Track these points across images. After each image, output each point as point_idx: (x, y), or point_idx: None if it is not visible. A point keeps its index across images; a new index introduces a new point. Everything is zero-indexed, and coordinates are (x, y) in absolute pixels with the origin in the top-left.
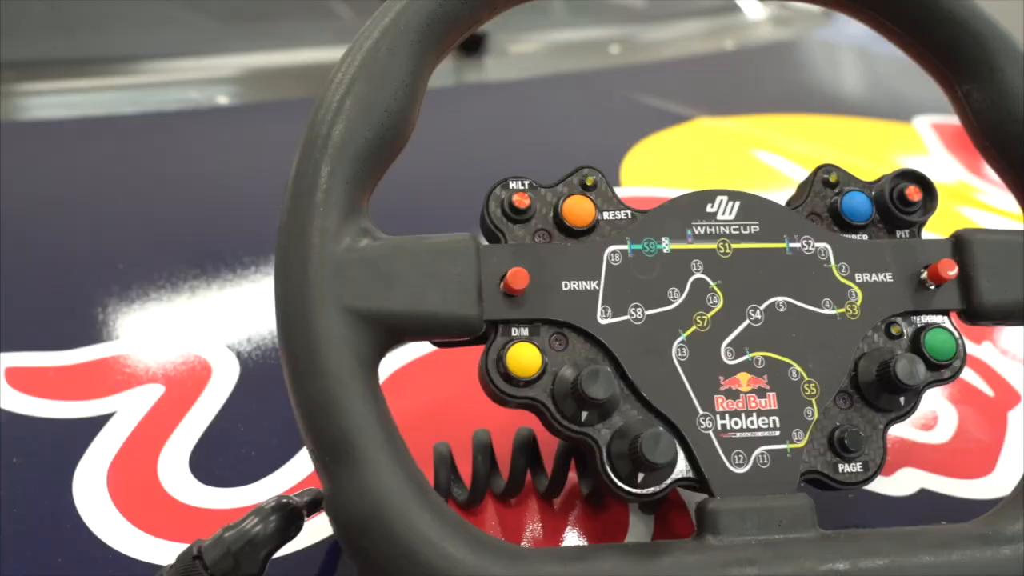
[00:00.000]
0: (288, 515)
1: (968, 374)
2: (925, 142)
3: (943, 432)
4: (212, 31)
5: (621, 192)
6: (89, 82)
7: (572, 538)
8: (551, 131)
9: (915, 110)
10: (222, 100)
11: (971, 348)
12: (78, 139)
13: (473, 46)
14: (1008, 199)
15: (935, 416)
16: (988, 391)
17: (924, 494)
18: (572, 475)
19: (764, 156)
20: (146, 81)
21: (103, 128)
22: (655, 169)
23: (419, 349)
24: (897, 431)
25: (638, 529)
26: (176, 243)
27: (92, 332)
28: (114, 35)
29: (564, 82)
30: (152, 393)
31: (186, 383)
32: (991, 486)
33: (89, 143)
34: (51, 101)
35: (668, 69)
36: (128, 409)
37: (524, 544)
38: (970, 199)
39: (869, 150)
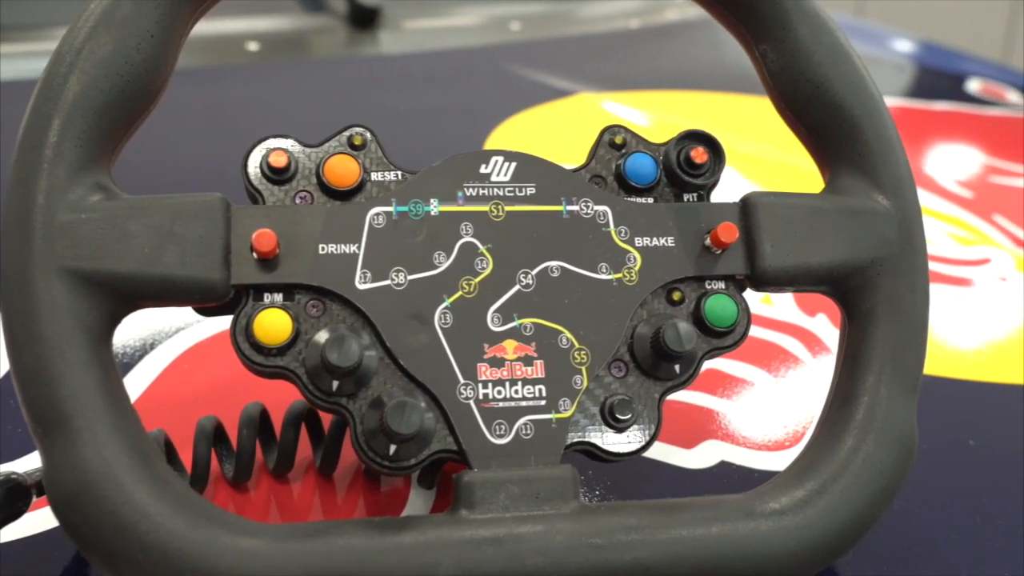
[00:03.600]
0: (9, 492)
1: (793, 345)
2: None
3: (753, 404)
4: None
5: None
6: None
7: (343, 514)
8: (428, 103)
9: None
10: None
11: (803, 319)
12: None
13: (367, 20)
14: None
15: (746, 387)
16: (811, 362)
17: (723, 466)
18: None
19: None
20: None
21: None
22: (521, 141)
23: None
24: (703, 402)
25: (416, 504)
26: None
27: None
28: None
29: (455, 56)
30: None
31: None
32: (792, 459)
33: None
34: None
35: (564, 46)
36: None
37: (290, 521)
38: None
39: (753, 127)
